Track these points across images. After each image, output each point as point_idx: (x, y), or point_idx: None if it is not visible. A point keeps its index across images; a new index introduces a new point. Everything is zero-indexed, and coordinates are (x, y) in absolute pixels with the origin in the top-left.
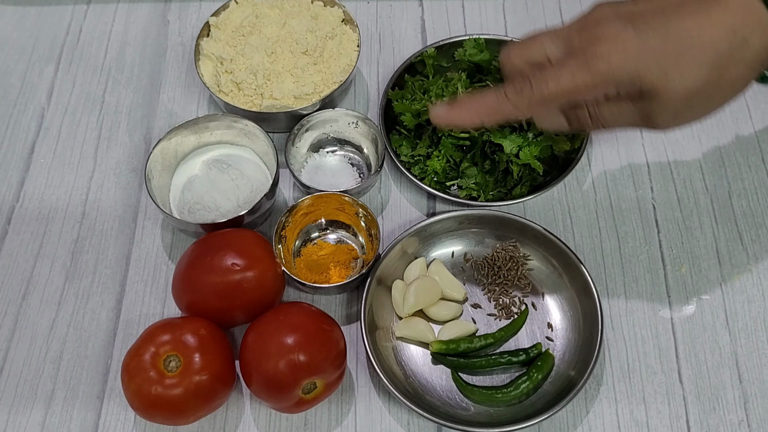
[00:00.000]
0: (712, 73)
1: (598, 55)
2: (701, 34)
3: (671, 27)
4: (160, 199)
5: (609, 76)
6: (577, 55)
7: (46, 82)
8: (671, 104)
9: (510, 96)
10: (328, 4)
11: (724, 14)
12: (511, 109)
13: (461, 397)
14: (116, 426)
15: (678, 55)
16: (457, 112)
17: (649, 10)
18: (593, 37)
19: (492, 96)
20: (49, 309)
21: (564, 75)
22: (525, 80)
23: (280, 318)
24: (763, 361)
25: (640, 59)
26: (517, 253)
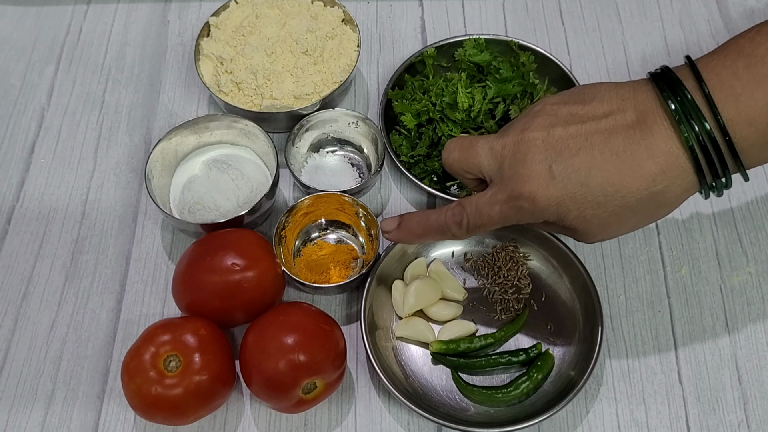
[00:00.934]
0: (629, 215)
1: (523, 196)
2: (621, 183)
3: (593, 174)
4: (160, 199)
5: (533, 214)
6: (505, 188)
7: (46, 82)
8: (590, 236)
9: (450, 224)
10: (328, 4)
11: (647, 162)
12: (451, 236)
13: (461, 397)
14: (116, 426)
15: (596, 204)
16: (404, 233)
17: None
18: (520, 175)
19: (434, 222)
20: (49, 309)
21: (494, 209)
22: (462, 211)
23: (280, 318)
24: (763, 363)
25: (561, 204)
26: (517, 253)
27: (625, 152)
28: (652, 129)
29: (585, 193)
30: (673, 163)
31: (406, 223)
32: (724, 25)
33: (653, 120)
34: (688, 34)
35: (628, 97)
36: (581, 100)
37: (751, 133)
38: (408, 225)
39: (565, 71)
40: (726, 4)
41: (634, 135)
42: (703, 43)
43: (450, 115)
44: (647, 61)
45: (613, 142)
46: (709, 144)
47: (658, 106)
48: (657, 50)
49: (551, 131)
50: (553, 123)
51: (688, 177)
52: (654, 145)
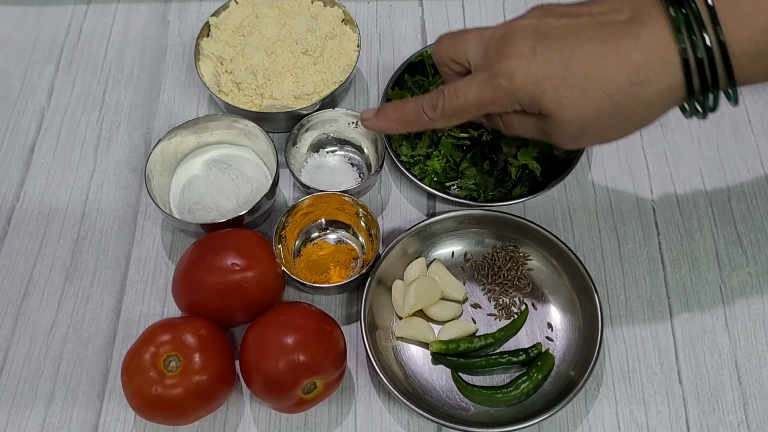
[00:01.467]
0: (607, 107)
1: (502, 72)
2: (603, 67)
3: (576, 56)
4: (160, 199)
5: (510, 95)
6: (486, 68)
7: (46, 82)
8: (565, 129)
9: (426, 109)
10: (328, 4)
11: (633, 49)
12: (427, 120)
13: (461, 397)
14: (116, 426)
15: (575, 86)
16: (380, 120)
17: (568, 27)
18: (503, 53)
19: (411, 108)
20: (49, 309)
21: (471, 89)
22: (440, 93)
23: (280, 318)
24: (763, 363)
25: (538, 83)
26: (517, 253)
27: (612, 39)
28: (645, 23)
29: (564, 74)
30: (659, 55)
31: (383, 110)
32: None
33: (647, 15)
34: None
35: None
36: (585, 2)
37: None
38: (385, 111)
39: None
40: None
41: (624, 27)
42: None
43: None
44: None
45: (602, 31)
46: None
47: (655, 5)
48: None
49: (543, 20)
50: (546, 14)
51: (674, 72)
52: (643, 36)
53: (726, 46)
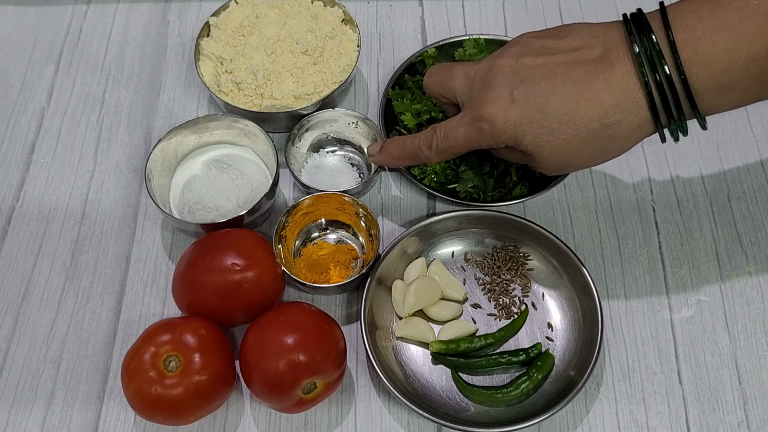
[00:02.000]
0: (583, 146)
1: (484, 117)
2: (576, 111)
3: (551, 101)
4: (160, 199)
5: (493, 137)
6: (470, 111)
7: (46, 82)
8: (546, 164)
9: (422, 148)
10: (328, 4)
11: (603, 93)
12: (425, 157)
13: (461, 397)
14: (116, 426)
15: (550, 130)
16: (384, 157)
17: (543, 67)
18: (484, 98)
19: (409, 146)
20: (49, 309)
21: (459, 132)
22: (432, 133)
23: (280, 318)
24: (763, 363)
25: (518, 128)
26: (517, 253)
27: (584, 83)
28: (613, 64)
29: (541, 119)
30: (627, 97)
31: (386, 147)
32: None
33: (616, 56)
34: None
35: (599, 35)
36: (556, 35)
37: (706, 75)
38: (387, 149)
39: None
40: None
41: (595, 68)
42: None
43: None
44: None
45: (574, 73)
46: (665, 83)
47: (623, 44)
48: None
49: (520, 60)
50: (524, 53)
51: (641, 113)
52: (612, 79)
53: (689, 84)
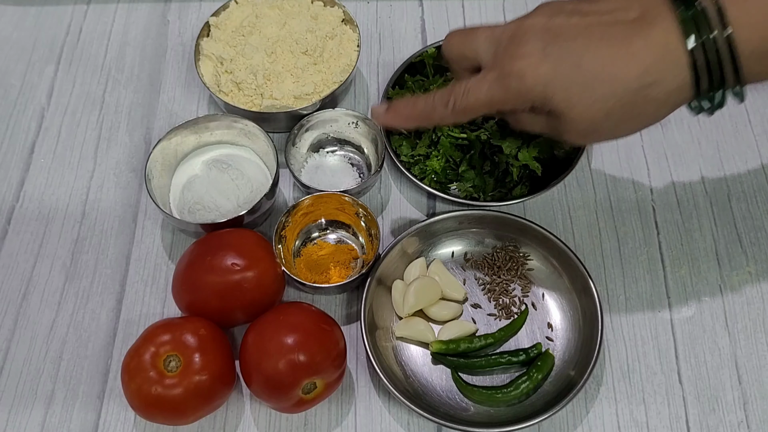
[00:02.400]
0: (617, 107)
1: (513, 73)
2: (613, 68)
3: (586, 57)
4: (160, 199)
5: (520, 95)
6: (497, 67)
7: (46, 82)
8: (575, 127)
9: (437, 105)
10: (328, 4)
11: (642, 50)
12: (438, 117)
13: (461, 397)
14: (116, 426)
15: (584, 86)
16: (391, 116)
17: (577, 26)
18: (513, 54)
19: (422, 104)
20: (49, 309)
21: (482, 89)
22: (451, 90)
23: (280, 318)
24: (762, 363)
25: (549, 84)
26: (517, 253)
27: (622, 41)
28: (653, 24)
29: (574, 75)
30: (668, 55)
31: (395, 105)
32: None
33: (656, 15)
34: None
35: None
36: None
37: (753, 37)
38: (396, 107)
39: None
40: None
41: (633, 27)
42: None
43: None
44: None
45: (611, 32)
46: (710, 43)
47: (663, 3)
48: None
49: (553, 19)
50: (556, 13)
51: (682, 73)
52: (652, 37)
53: (735, 46)
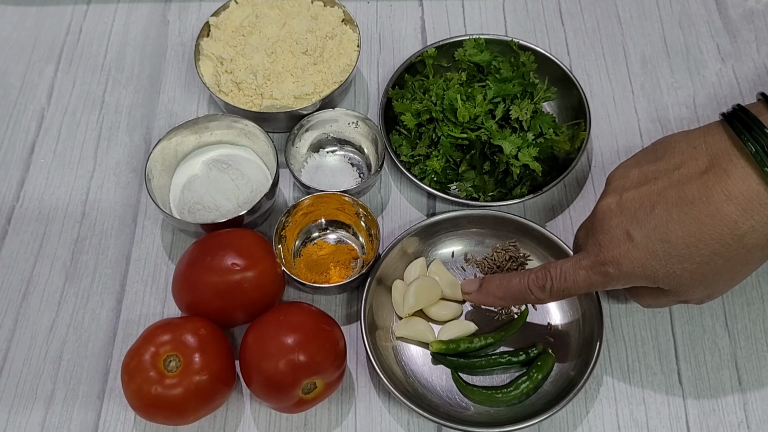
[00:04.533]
0: (721, 264)
1: (607, 261)
2: (703, 231)
3: (671, 228)
4: (160, 199)
5: (621, 279)
6: (590, 255)
7: (46, 82)
8: (691, 294)
9: (532, 288)
10: (328, 4)
11: (725, 204)
12: (534, 299)
13: (461, 397)
14: (116, 426)
15: (681, 258)
16: (483, 296)
17: (650, 196)
18: (601, 241)
19: (516, 286)
20: (49, 309)
21: (580, 275)
22: (546, 274)
23: (280, 318)
24: (762, 363)
25: (646, 266)
26: (517, 253)
27: (701, 199)
28: (727, 171)
29: (668, 250)
30: (754, 201)
31: (486, 285)
32: (724, 27)
33: (727, 161)
34: (687, 36)
35: (699, 144)
36: (653, 158)
37: None
38: (488, 287)
39: (565, 71)
40: (725, 6)
41: (708, 181)
42: (702, 44)
43: (450, 117)
44: (647, 62)
45: (686, 191)
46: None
47: (731, 147)
48: (656, 51)
49: (624, 195)
50: (625, 187)
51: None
52: (731, 187)
53: None
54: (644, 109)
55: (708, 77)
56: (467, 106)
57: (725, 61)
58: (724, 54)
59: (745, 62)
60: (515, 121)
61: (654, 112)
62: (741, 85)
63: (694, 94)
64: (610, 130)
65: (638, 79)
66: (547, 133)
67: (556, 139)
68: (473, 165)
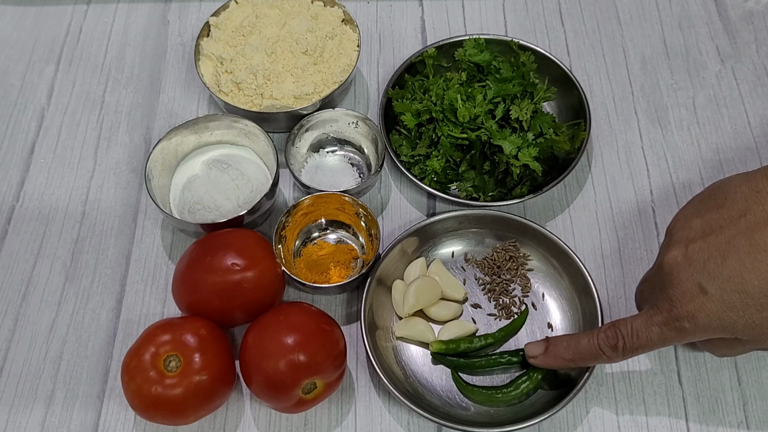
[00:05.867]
0: None
1: (681, 316)
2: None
3: (746, 277)
4: (160, 199)
5: (696, 334)
6: (662, 311)
7: (46, 82)
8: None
9: (603, 348)
10: (328, 4)
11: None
12: (605, 359)
13: (461, 397)
14: (116, 426)
15: (760, 307)
16: (551, 359)
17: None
18: (673, 297)
19: (586, 348)
20: (49, 309)
21: (653, 332)
22: (616, 333)
23: (280, 318)
24: (762, 364)
25: (724, 318)
26: (517, 253)
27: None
28: None
29: (745, 300)
30: None
31: (553, 348)
32: (723, 28)
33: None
34: (687, 37)
35: (762, 188)
36: (714, 206)
37: None
38: (556, 350)
39: (565, 71)
40: (725, 7)
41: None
42: (702, 45)
43: (450, 117)
44: (647, 63)
45: (757, 239)
46: None
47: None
48: (656, 52)
49: (690, 246)
50: (690, 237)
51: None
52: None
53: None
54: (644, 110)
55: (707, 78)
56: (467, 106)
57: (725, 62)
58: (723, 55)
59: (745, 63)
60: (515, 121)
61: (654, 113)
62: (740, 86)
63: (693, 95)
64: (610, 130)
65: (638, 80)
66: (547, 133)
67: (556, 139)
68: (473, 165)
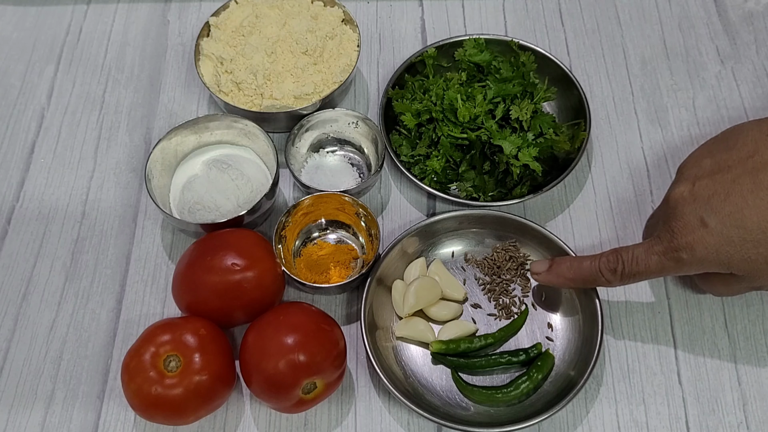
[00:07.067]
0: None
1: (681, 247)
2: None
3: (746, 213)
4: (160, 199)
5: (694, 265)
6: (663, 241)
7: (46, 82)
8: (762, 280)
9: (603, 270)
10: (328, 4)
11: None
12: (604, 282)
13: (461, 397)
14: (116, 426)
15: (757, 243)
16: (553, 276)
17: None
18: (674, 228)
19: (587, 269)
20: (49, 309)
21: (652, 260)
22: (617, 257)
23: (280, 318)
24: (762, 364)
25: (721, 251)
26: (517, 253)
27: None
28: None
29: (743, 235)
30: None
31: (556, 266)
32: (723, 28)
33: None
34: (687, 37)
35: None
36: (725, 147)
37: None
38: (558, 269)
39: (565, 71)
40: (725, 7)
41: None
42: (702, 46)
43: (450, 117)
44: (646, 63)
45: (761, 178)
46: None
47: None
48: (656, 53)
49: (697, 183)
50: (698, 175)
51: None
52: None
53: None
54: (644, 110)
55: (707, 79)
56: (467, 106)
57: (725, 63)
58: (723, 56)
59: (745, 64)
60: (515, 121)
61: (654, 113)
62: (740, 86)
63: (693, 96)
64: (610, 130)
65: (638, 81)
66: (547, 133)
67: (556, 139)
68: (473, 165)
